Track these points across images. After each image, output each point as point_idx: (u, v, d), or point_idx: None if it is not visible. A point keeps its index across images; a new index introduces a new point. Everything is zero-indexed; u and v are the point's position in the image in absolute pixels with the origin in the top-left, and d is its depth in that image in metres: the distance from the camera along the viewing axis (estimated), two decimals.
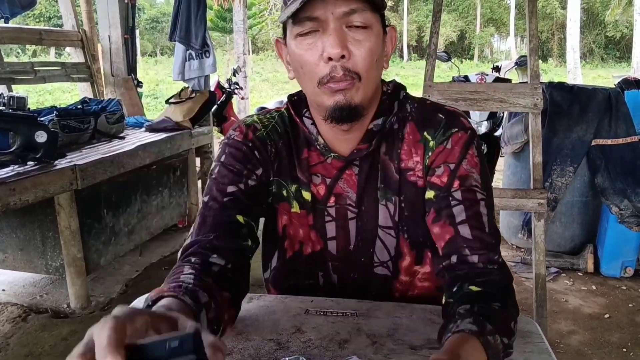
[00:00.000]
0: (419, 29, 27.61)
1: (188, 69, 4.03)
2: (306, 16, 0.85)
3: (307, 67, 0.90)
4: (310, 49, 0.88)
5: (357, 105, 0.91)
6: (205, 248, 0.89)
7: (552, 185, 3.24)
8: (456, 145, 0.96)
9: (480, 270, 0.89)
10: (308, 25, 0.86)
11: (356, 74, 0.88)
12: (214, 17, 15.70)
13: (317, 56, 0.87)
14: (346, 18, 0.86)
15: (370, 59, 0.88)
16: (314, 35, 0.87)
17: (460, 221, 0.92)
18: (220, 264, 0.87)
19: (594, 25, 27.48)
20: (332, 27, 0.85)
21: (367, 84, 0.90)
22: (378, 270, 1.06)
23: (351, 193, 1.03)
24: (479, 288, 0.84)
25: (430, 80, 2.32)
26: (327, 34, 0.86)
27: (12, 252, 2.80)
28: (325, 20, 0.85)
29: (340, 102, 0.89)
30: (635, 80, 4.06)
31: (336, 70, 0.87)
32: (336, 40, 0.85)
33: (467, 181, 0.94)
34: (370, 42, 0.88)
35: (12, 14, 3.88)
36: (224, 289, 0.83)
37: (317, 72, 0.89)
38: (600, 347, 2.49)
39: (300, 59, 0.90)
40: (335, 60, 0.86)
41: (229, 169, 1.00)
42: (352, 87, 0.88)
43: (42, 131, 2.44)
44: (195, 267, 0.84)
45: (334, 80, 0.87)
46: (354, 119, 0.93)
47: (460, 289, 0.85)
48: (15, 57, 18.01)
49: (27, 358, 2.35)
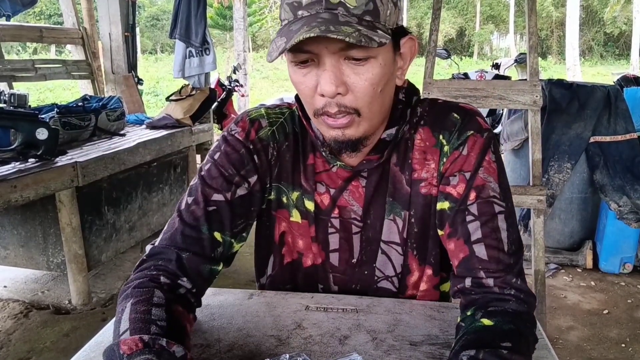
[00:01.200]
0: (419, 26, 27.56)
1: (188, 66, 4.03)
2: (299, 48, 0.77)
3: (302, 95, 0.84)
4: (306, 78, 0.81)
5: (359, 139, 0.85)
6: (177, 266, 0.86)
7: (550, 181, 3.25)
8: (472, 151, 0.90)
9: (495, 295, 0.83)
10: (302, 56, 0.79)
11: (354, 109, 0.81)
12: (214, 15, 15.67)
13: (312, 87, 0.81)
14: (344, 52, 0.78)
15: (372, 92, 0.81)
16: (308, 65, 0.80)
17: (476, 240, 0.86)
18: (187, 288, 0.86)
19: (593, 22, 27.41)
20: (327, 62, 0.78)
21: (370, 117, 0.84)
22: (382, 284, 1.03)
23: (357, 207, 0.98)
24: (491, 322, 0.77)
25: (429, 77, 2.33)
26: (322, 68, 0.79)
27: (14, 249, 2.81)
28: (319, 54, 0.78)
29: (339, 137, 0.84)
30: (635, 77, 4.07)
31: (330, 106, 0.81)
32: (331, 77, 0.78)
33: (484, 192, 0.88)
34: (372, 73, 0.79)
35: (13, 12, 3.88)
36: (188, 312, 0.85)
37: (312, 103, 0.83)
38: (599, 343, 2.50)
39: (296, 85, 0.84)
40: (329, 97, 0.79)
41: (220, 172, 0.93)
42: (352, 123, 0.82)
43: (43, 128, 2.45)
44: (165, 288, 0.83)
45: (329, 116, 0.82)
46: (356, 150, 0.87)
47: (473, 319, 0.80)
48: (16, 55, 17.97)
49: (29, 354, 2.36)
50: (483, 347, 0.72)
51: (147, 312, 0.76)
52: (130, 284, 0.83)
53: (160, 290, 0.81)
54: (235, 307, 0.99)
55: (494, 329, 0.77)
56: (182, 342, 0.74)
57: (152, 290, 0.80)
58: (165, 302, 0.79)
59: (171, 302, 0.81)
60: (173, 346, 0.71)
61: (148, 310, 0.76)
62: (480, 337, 0.75)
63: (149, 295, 0.79)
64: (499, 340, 0.74)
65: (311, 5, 0.77)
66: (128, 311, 0.76)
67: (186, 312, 0.84)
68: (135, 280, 0.83)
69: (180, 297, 0.85)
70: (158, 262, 0.86)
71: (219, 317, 0.96)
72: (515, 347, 0.73)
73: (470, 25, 30.31)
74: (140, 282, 0.82)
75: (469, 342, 0.74)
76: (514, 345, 0.73)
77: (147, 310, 0.76)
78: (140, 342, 0.69)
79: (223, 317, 0.96)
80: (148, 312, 0.76)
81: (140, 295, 0.79)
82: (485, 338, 0.75)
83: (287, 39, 0.75)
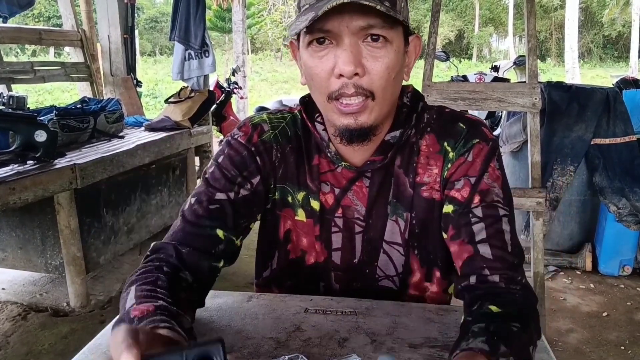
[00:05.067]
0: (417, 29, 27.59)
1: (187, 68, 4.04)
2: (319, 27, 0.79)
3: (317, 80, 0.84)
4: (322, 61, 0.82)
5: (370, 127, 0.86)
6: (177, 260, 0.87)
7: (554, 184, 3.25)
8: (477, 158, 0.91)
9: (501, 290, 0.84)
10: (320, 35, 0.80)
11: (370, 92, 0.82)
12: (213, 17, 15.68)
13: (329, 70, 0.82)
14: (363, 32, 0.79)
15: (387, 76, 0.82)
16: (326, 46, 0.81)
17: (480, 240, 0.87)
18: (189, 281, 0.87)
19: (592, 25, 27.47)
20: (346, 42, 0.79)
21: (382, 103, 0.85)
22: (383, 283, 1.04)
23: (360, 206, 0.99)
24: (499, 309, 0.78)
25: (428, 79, 2.33)
26: (340, 48, 0.80)
27: (12, 251, 2.80)
28: (339, 34, 0.79)
29: (351, 125, 0.84)
30: (634, 80, 4.08)
31: (347, 87, 0.81)
32: (350, 56, 0.79)
33: (489, 196, 0.89)
34: (388, 58, 0.81)
35: (10, 13, 3.87)
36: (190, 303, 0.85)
37: (327, 87, 0.83)
38: (599, 345, 2.50)
39: (310, 70, 0.84)
40: (347, 77, 0.80)
41: (223, 173, 0.95)
42: (365, 108, 0.83)
43: (41, 130, 2.44)
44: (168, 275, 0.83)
45: (345, 96, 0.82)
46: (366, 140, 0.88)
47: (480, 309, 0.80)
48: (14, 57, 17.97)
49: (27, 356, 2.36)
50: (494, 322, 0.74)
51: (154, 290, 0.78)
52: (135, 273, 0.85)
53: (165, 276, 0.83)
54: (234, 310, 0.99)
55: (503, 314, 0.78)
56: None
57: (157, 275, 0.82)
58: (169, 287, 0.81)
59: (175, 289, 0.82)
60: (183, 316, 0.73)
61: (154, 289, 0.78)
62: (489, 318, 0.76)
63: (154, 278, 0.81)
64: (510, 321, 0.75)
65: None
66: (134, 291, 0.78)
67: (187, 303, 0.84)
68: (140, 270, 0.85)
69: (183, 289, 0.85)
70: (160, 255, 0.89)
71: (217, 319, 0.96)
72: (524, 328, 0.75)
73: (470, 27, 30.38)
74: (145, 269, 0.84)
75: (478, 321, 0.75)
76: (523, 326, 0.75)
77: (153, 289, 0.78)
78: (152, 306, 0.72)
79: (222, 319, 0.96)
80: (154, 290, 0.78)
81: (146, 279, 0.81)
82: (495, 318, 0.76)
83: (315, 13, 0.76)
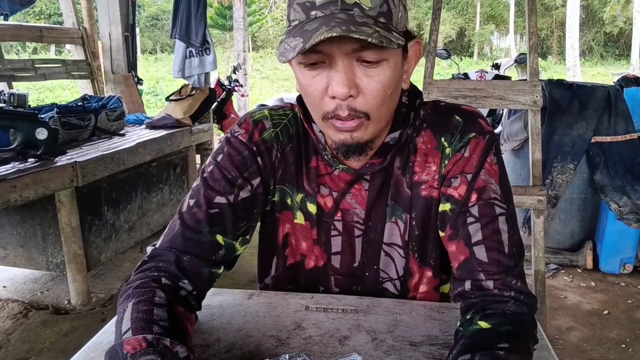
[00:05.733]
0: (419, 27, 27.53)
1: (188, 66, 4.03)
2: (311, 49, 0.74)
3: (310, 98, 0.82)
4: (315, 80, 0.79)
5: (367, 142, 0.84)
6: (177, 268, 0.85)
7: (553, 182, 3.24)
8: (474, 153, 0.89)
9: (494, 298, 0.82)
10: (313, 57, 0.77)
11: (364, 113, 0.80)
12: (213, 15, 15.66)
13: (322, 90, 0.79)
14: (357, 54, 0.76)
15: (383, 95, 0.80)
16: (319, 66, 0.78)
17: (476, 242, 0.85)
18: (188, 290, 0.86)
19: (593, 22, 27.40)
20: (339, 63, 0.76)
21: (378, 120, 0.83)
22: (386, 286, 1.03)
23: (359, 210, 0.97)
24: (488, 324, 0.77)
25: (430, 77, 2.32)
26: (333, 69, 0.77)
27: (13, 249, 2.81)
28: (332, 55, 0.76)
29: (347, 141, 0.83)
30: (635, 77, 4.07)
31: (341, 109, 0.79)
32: (343, 79, 0.76)
33: (485, 194, 0.87)
34: (383, 76, 0.78)
35: (11, 11, 3.87)
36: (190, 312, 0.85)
37: (321, 106, 0.81)
38: (599, 343, 2.50)
39: (304, 88, 0.82)
40: (341, 99, 0.78)
41: (223, 174, 0.92)
42: (360, 126, 0.81)
43: (42, 128, 2.44)
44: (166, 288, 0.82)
45: (339, 119, 0.80)
46: (363, 153, 0.87)
47: (470, 322, 0.79)
48: (15, 55, 17.97)
49: (28, 354, 2.36)
50: (479, 350, 0.72)
51: (149, 312, 0.76)
52: (131, 284, 0.83)
53: (162, 291, 0.81)
54: (234, 308, 0.99)
55: (491, 332, 0.76)
56: (184, 342, 0.74)
57: (153, 291, 0.80)
58: (167, 303, 0.79)
59: (173, 303, 0.81)
60: (176, 346, 0.71)
61: (150, 310, 0.76)
62: (476, 340, 0.75)
63: (150, 295, 0.79)
64: (496, 342, 0.73)
65: (326, 6, 0.75)
66: (130, 311, 0.76)
67: (187, 313, 0.84)
68: (137, 280, 0.83)
69: (181, 298, 0.85)
70: (159, 263, 0.86)
71: (218, 317, 0.96)
72: (512, 348, 0.72)
73: (471, 25, 30.31)
74: (142, 283, 0.82)
75: (465, 346, 0.74)
76: (512, 346, 0.73)
77: (149, 310, 0.76)
78: (144, 341, 0.69)
79: (223, 317, 0.96)
80: (150, 312, 0.76)
81: (142, 295, 0.79)
82: (482, 341, 0.75)
83: (303, 39, 0.73)
